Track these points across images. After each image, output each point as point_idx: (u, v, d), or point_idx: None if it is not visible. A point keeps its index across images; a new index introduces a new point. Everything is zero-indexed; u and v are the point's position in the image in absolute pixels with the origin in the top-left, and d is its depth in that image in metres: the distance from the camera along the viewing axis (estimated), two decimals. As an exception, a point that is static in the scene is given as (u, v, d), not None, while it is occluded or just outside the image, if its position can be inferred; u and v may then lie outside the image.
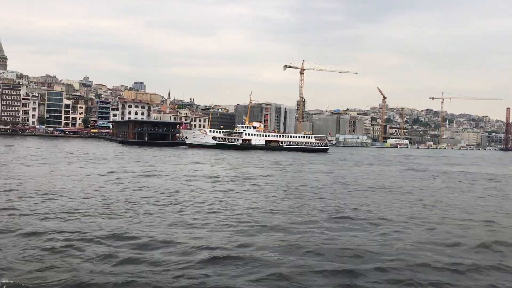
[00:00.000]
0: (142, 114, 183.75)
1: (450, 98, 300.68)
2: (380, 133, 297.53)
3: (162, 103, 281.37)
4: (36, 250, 15.01)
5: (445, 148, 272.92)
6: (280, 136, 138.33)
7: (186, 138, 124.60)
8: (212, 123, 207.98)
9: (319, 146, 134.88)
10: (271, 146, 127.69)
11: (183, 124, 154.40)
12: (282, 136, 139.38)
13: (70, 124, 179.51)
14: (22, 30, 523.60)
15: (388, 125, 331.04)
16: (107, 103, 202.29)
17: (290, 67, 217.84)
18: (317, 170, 56.56)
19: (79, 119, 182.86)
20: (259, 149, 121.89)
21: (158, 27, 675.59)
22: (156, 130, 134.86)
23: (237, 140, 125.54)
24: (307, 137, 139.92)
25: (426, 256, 16.07)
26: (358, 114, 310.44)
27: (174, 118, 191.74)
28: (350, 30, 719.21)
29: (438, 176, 54.45)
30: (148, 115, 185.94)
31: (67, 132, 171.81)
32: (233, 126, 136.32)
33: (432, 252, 16.67)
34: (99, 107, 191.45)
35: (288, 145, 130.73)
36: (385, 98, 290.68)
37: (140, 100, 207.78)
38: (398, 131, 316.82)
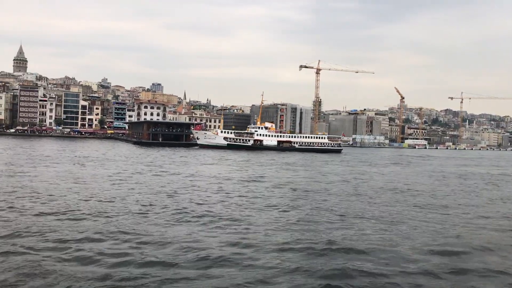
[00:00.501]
0: (158, 115, 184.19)
1: (470, 98, 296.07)
2: (398, 133, 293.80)
3: (179, 104, 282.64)
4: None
5: (464, 149, 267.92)
6: (292, 136, 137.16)
7: (197, 139, 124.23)
8: (227, 123, 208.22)
9: (332, 146, 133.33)
10: (283, 147, 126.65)
11: (198, 124, 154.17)
12: (294, 136, 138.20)
13: (86, 125, 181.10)
14: (43, 33, 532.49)
15: (406, 125, 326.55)
16: (123, 104, 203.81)
17: (305, 67, 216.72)
18: (328, 171, 55.48)
19: (96, 120, 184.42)
20: (271, 149, 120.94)
21: (177, 28, 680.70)
22: (170, 131, 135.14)
23: (248, 140, 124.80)
24: (320, 137, 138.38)
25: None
26: (376, 114, 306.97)
27: (189, 119, 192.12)
28: (369, 30, 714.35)
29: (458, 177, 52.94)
30: (164, 116, 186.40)
31: (83, 133, 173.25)
32: (248, 127, 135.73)
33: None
34: (115, 108, 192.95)
35: (300, 145, 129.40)
36: (403, 98, 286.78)
37: (155, 101, 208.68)
38: (417, 131, 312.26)
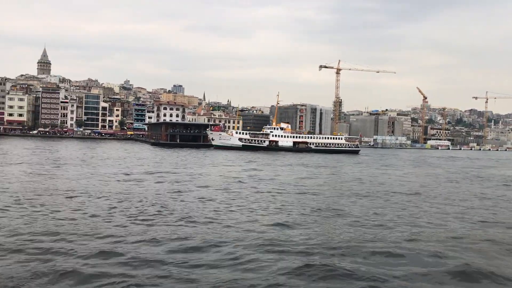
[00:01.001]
0: (177, 116, 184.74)
1: (495, 98, 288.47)
2: (420, 134, 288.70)
3: (199, 105, 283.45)
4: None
5: (489, 150, 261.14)
6: (308, 137, 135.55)
7: (212, 140, 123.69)
8: (246, 124, 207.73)
9: (350, 147, 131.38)
10: (299, 148, 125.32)
11: (216, 125, 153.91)
12: (311, 137, 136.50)
13: (107, 126, 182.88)
14: (66, 36, 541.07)
15: (429, 126, 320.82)
16: (143, 105, 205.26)
17: (325, 67, 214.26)
18: (342, 172, 54.24)
19: (116, 121, 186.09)
20: (287, 150, 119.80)
21: (198, 30, 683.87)
22: (188, 132, 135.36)
23: (263, 141, 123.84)
24: (336, 138, 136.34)
25: None
26: (398, 114, 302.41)
27: (208, 120, 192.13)
28: (390, 30, 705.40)
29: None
30: (183, 117, 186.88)
31: (103, 134, 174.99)
32: (263, 128, 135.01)
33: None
34: (135, 109, 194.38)
35: (316, 146, 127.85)
36: (425, 98, 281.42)
37: (174, 102, 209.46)
38: (440, 132, 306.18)
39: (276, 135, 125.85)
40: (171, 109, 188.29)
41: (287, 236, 18.56)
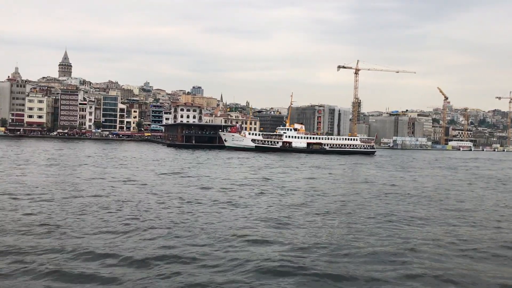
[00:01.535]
0: (194, 117, 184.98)
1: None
2: (441, 135, 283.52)
3: (217, 107, 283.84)
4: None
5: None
6: (322, 138, 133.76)
7: (225, 141, 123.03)
8: (264, 125, 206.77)
9: (365, 148, 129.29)
10: (312, 149, 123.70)
11: (232, 127, 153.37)
12: (325, 138, 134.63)
13: (124, 127, 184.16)
14: (87, 39, 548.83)
15: (451, 126, 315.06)
16: (160, 106, 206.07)
17: (344, 67, 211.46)
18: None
19: (133, 122, 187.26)
20: (300, 152, 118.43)
21: (217, 32, 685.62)
22: (204, 133, 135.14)
23: (277, 142, 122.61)
24: (351, 139, 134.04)
25: None
26: (418, 115, 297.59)
27: (225, 121, 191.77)
28: (411, 30, 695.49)
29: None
30: (200, 118, 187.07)
31: (121, 135, 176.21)
32: (276, 129, 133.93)
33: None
34: (153, 111, 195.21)
35: (331, 147, 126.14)
36: (446, 98, 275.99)
37: (191, 104, 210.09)
38: (462, 133, 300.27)
39: (289, 136, 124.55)
40: (188, 110, 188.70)
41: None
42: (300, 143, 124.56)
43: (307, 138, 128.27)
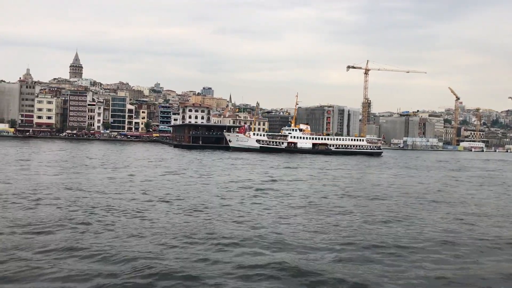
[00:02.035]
0: (202, 118, 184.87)
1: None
2: (453, 135, 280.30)
3: (226, 107, 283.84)
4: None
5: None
6: (328, 139, 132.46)
7: (230, 142, 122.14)
8: (273, 126, 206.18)
9: (371, 149, 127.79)
10: (318, 150, 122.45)
11: (241, 127, 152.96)
12: (330, 139, 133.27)
13: (133, 128, 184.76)
14: (98, 40, 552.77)
15: (462, 127, 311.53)
16: (168, 107, 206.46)
17: (353, 67, 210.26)
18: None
19: (142, 123, 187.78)
20: (305, 152, 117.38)
21: (227, 33, 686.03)
22: (211, 134, 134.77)
23: (282, 143, 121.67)
24: (357, 139, 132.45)
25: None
26: (430, 116, 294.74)
27: (233, 122, 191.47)
28: (422, 30, 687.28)
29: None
30: (208, 119, 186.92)
31: (129, 136, 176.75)
32: (282, 129, 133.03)
33: None
34: (161, 111, 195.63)
35: (336, 148, 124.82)
36: (458, 98, 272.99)
37: (199, 104, 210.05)
38: (474, 133, 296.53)
39: (294, 137, 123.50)
40: (196, 111, 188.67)
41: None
42: (306, 143, 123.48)
43: (313, 139, 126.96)
